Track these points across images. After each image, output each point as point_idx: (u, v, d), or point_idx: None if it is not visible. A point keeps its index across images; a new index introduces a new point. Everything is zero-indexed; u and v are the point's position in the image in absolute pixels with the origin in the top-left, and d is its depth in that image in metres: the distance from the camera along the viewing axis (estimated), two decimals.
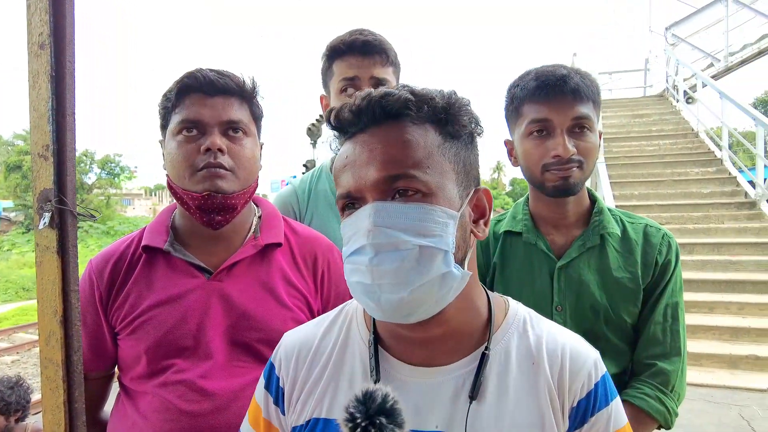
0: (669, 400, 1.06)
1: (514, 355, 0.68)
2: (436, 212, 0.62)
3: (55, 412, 0.69)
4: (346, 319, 0.75)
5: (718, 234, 6.42)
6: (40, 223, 0.68)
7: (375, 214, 0.61)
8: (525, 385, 0.66)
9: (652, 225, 1.17)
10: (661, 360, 1.09)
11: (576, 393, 0.67)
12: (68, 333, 0.68)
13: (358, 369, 0.69)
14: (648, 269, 1.12)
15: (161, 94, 1.03)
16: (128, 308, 0.98)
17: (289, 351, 0.74)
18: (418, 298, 0.60)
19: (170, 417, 0.91)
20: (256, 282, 1.02)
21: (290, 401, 0.71)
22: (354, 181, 0.63)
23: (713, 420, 3.79)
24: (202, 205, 0.97)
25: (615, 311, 1.10)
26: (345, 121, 0.66)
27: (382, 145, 0.63)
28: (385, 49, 1.37)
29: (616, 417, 0.69)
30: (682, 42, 10.64)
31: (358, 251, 0.61)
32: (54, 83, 0.67)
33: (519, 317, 0.73)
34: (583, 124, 1.07)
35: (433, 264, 0.61)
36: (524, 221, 1.19)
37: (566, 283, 1.12)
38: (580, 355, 0.69)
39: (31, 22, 0.69)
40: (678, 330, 1.11)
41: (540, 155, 1.08)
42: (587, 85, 1.06)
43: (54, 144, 0.68)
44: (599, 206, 1.17)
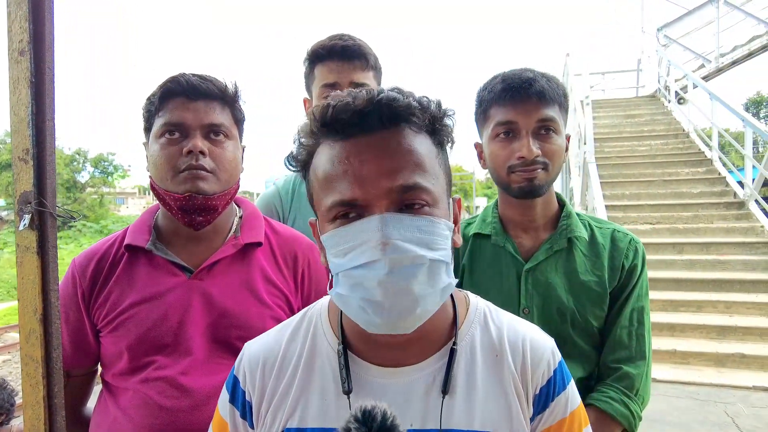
0: (633, 404, 1.08)
1: (479, 348, 0.71)
2: (441, 225, 0.62)
3: (35, 408, 0.71)
4: (310, 325, 0.74)
5: (707, 234, 6.49)
6: (20, 224, 0.70)
7: (389, 227, 0.58)
8: (491, 377, 0.69)
9: (619, 230, 1.20)
10: (626, 364, 1.10)
11: (538, 381, 0.70)
12: (48, 330, 0.71)
13: (329, 376, 0.69)
14: (615, 273, 1.14)
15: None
16: (110, 306, 1.00)
17: (254, 362, 0.72)
18: (424, 312, 0.62)
19: (150, 413, 0.94)
20: (236, 281, 1.04)
21: (259, 414, 0.70)
22: (360, 189, 0.59)
23: (699, 417, 3.85)
24: (183, 205, 0.99)
25: (581, 314, 1.11)
26: (345, 122, 0.61)
27: (392, 151, 0.60)
28: (364, 53, 1.39)
29: (572, 398, 0.73)
30: (674, 43, 10.72)
31: (368, 266, 0.58)
32: (34, 89, 0.69)
33: (480, 311, 0.75)
34: (548, 126, 1.09)
35: (440, 277, 0.62)
36: (493, 224, 1.20)
37: (533, 286, 1.13)
38: (539, 346, 0.73)
39: (11, 29, 0.71)
40: (643, 334, 1.13)
41: (506, 157, 1.10)
42: (552, 88, 1.08)
43: (34, 148, 0.70)
44: (567, 210, 1.19)
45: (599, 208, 5.88)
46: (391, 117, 0.61)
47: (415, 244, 0.59)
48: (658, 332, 5.23)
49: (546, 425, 0.71)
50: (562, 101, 1.12)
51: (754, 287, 5.50)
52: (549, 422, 0.71)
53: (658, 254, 6.30)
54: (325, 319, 0.74)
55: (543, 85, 1.07)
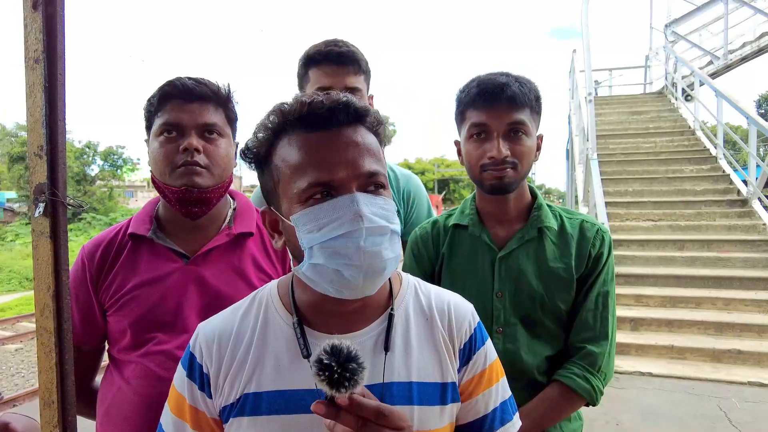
0: (595, 380, 1.16)
1: (412, 313, 0.83)
2: (392, 204, 0.75)
3: (48, 373, 0.81)
4: (261, 305, 0.83)
5: (709, 231, 6.50)
6: (36, 212, 0.80)
7: (361, 203, 0.69)
8: (423, 336, 0.81)
9: (587, 220, 1.27)
10: (590, 343, 1.18)
11: (462, 337, 0.83)
12: (59, 305, 0.80)
13: (283, 346, 0.77)
14: (582, 260, 1.22)
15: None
16: (116, 288, 1.10)
17: (209, 338, 0.80)
18: (388, 272, 0.73)
19: (149, 383, 1.04)
20: (228, 267, 1.14)
21: (217, 384, 0.77)
22: (334, 173, 0.70)
23: (692, 411, 3.91)
24: (180, 198, 1.09)
25: (550, 298, 1.20)
26: (319, 117, 0.72)
27: (358, 144, 0.72)
28: (357, 59, 1.47)
29: (490, 353, 0.86)
30: (682, 39, 10.66)
31: (346, 235, 0.68)
32: (47, 93, 0.78)
33: (410, 284, 0.87)
34: (518, 128, 1.16)
35: (396, 245, 0.74)
36: (470, 215, 1.29)
37: (506, 272, 1.22)
38: (461, 308, 0.86)
39: (27, 40, 0.80)
40: (607, 316, 1.20)
41: (478, 156, 1.19)
42: (524, 92, 1.16)
43: (47, 145, 0.79)
44: (539, 202, 1.27)
45: (599, 204, 5.92)
46: (353, 115, 0.74)
47: (379, 217, 0.71)
48: (657, 328, 5.28)
49: (470, 375, 0.82)
50: (534, 104, 1.19)
51: (753, 284, 5.53)
52: (472, 373, 0.83)
53: (658, 251, 6.33)
54: (276, 299, 0.83)
55: (515, 90, 1.14)
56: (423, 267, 1.32)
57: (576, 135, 9.10)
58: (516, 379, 1.12)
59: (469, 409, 0.82)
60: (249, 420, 0.74)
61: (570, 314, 1.22)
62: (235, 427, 0.75)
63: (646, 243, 6.49)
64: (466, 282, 1.24)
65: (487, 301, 1.22)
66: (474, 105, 1.18)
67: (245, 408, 0.75)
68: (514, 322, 1.21)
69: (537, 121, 1.22)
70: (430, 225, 1.36)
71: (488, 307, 1.21)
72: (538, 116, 1.22)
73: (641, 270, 6.05)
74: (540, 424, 1.14)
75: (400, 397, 0.75)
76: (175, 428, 0.79)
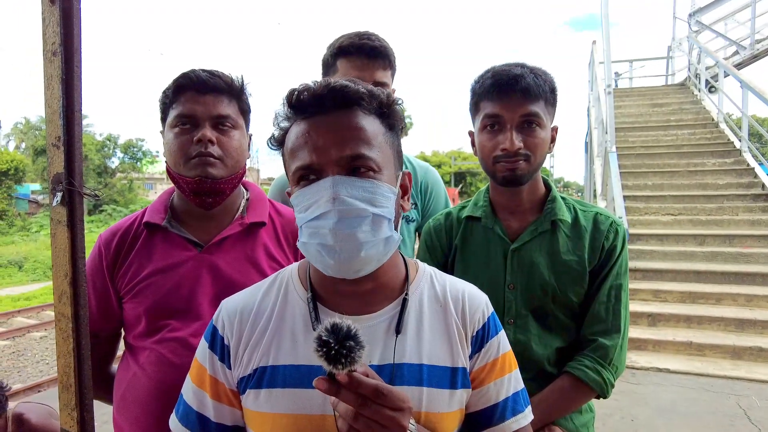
0: (606, 372, 1.15)
1: (426, 300, 0.84)
2: (384, 188, 0.75)
3: (66, 358, 0.83)
4: (282, 283, 0.86)
5: (731, 226, 6.37)
6: (54, 201, 0.82)
7: (339, 186, 0.71)
8: (435, 321, 0.82)
9: (602, 213, 1.26)
10: (602, 336, 1.17)
11: (475, 325, 0.84)
12: (76, 292, 0.83)
13: (299, 323, 0.80)
14: (595, 253, 1.21)
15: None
16: (131, 275, 1.13)
17: (231, 313, 0.83)
18: (368, 256, 0.73)
19: (163, 369, 1.07)
20: (241, 255, 1.16)
21: (236, 356, 0.80)
22: (317, 156, 0.72)
23: (710, 408, 3.85)
24: (194, 188, 1.11)
25: (562, 291, 1.19)
26: (305, 103, 0.75)
27: (343, 127, 0.74)
28: (387, 54, 1.48)
29: (503, 344, 0.87)
30: (707, 29, 10.38)
31: (321, 216, 0.71)
32: (64, 85, 0.80)
33: (427, 273, 0.89)
34: (532, 120, 1.15)
35: (381, 229, 0.74)
36: (484, 207, 1.29)
37: (518, 264, 1.22)
38: (476, 298, 0.87)
39: (45, 33, 0.82)
40: (620, 309, 1.19)
41: (491, 148, 1.18)
42: (539, 84, 1.14)
43: (64, 135, 0.81)
44: (553, 195, 1.26)
45: (617, 198, 5.82)
46: (343, 100, 0.75)
47: (359, 200, 0.72)
48: (675, 324, 5.20)
49: (482, 363, 0.83)
50: (549, 96, 1.18)
51: None
52: (484, 360, 0.83)
53: (678, 246, 6.22)
54: (295, 277, 0.86)
55: (529, 82, 1.13)
56: (436, 258, 1.32)
57: (595, 128, 8.96)
58: (526, 370, 1.12)
59: (480, 397, 0.83)
60: (265, 392, 0.77)
61: (582, 306, 1.22)
62: (251, 398, 0.78)
63: (665, 237, 6.37)
64: (478, 273, 1.24)
65: (499, 293, 1.22)
66: (488, 96, 1.18)
67: (262, 380, 0.77)
68: (525, 314, 1.20)
69: (552, 113, 1.21)
70: (444, 216, 1.36)
71: (500, 298, 1.21)
72: (553, 108, 1.21)
73: (660, 265, 5.95)
74: (549, 415, 1.14)
75: (410, 378, 0.76)
76: (195, 397, 0.83)
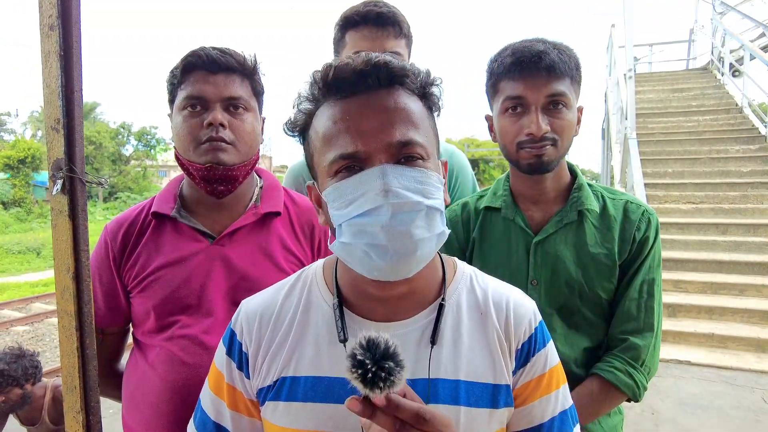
0: (638, 375, 1.08)
1: (465, 306, 0.75)
2: (434, 177, 0.67)
3: (70, 357, 0.78)
4: (305, 284, 0.79)
5: (755, 215, 6.18)
6: (54, 189, 0.76)
7: (390, 176, 0.63)
8: (476, 332, 0.74)
9: (632, 201, 1.17)
10: (633, 335, 1.10)
11: (520, 337, 0.75)
12: (80, 287, 0.77)
13: (323, 330, 0.73)
14: (625, 245, 1.12)
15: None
16: (138, 268, 1.07)
17: (251, 317, 0.77)
18: (423, 255, 0.66)
19: (173, 368, 1.01)
20: (255, 247, 1.09)
21: (255, 365, 0.74)
22: (362, 143, 0.64)
23: (733, 402, 3.75)
24: (205, 175, 1.04)
25: (590, 287, 1.11)
26: (345, 81, 0.66)
27: (390, 109, 0.65)
28: (398, 21, 1.37)
29: (551, 357, 0.78)
30: (731, 10, 10.01)
31: (371, 212, 0.62)
32: (63, 62, 0.74)
33: (466, 274, 0.80)
34: (558, 101, 1.06)
35: (435, 223, 0.67)
36: (504, 197, 1.21)
37: (542, 258, 1.14)
38: (522, 306, 0.78)
39: (41, 5, 0.75)
40: (653, 306, 1.11)
41: (515, 133, 1.09)
42: (564, 61, 1.05)
43: (64, 117, 0.75)
44: (579, 182, 1.17)
45: (638, 186, 5.67)
46: (387, 78, 0.66)
47: (412, 192, 0.64)
48: (696, 315, 5.08)
49: (527, 379, 0.75)
50: (574, 74, 1.09)
51: None
52: (529, 376, 0.75)
53: (699, 235, 6.06)
54: (320, 278, 0.78)
55: (553, 59, 1.04)
56: (452, 253, 1.24)
57: (613, 114, 8.74)
58: None
59: (524, 416, 0.75)
60: (284, 405, 0.71)
61: (611, 303, 1.14)
62: (270, 410, 0.72)
63: (686, 226, 6.22)
64: (498, 269, 1.16)
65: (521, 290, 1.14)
66: (509, 75, 1.08)
67: (281, 392, 0.71)
68: (549, 312, 1.13)
69: (577, 92, 1.12)
70: (460, 207, 1.28)
71: None
72: (579, 86, 1.12)
73: (680, 254, 5.81)
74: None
75: (445, 395, 0.69)
76: (212, 406, 0.77)
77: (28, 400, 2.62)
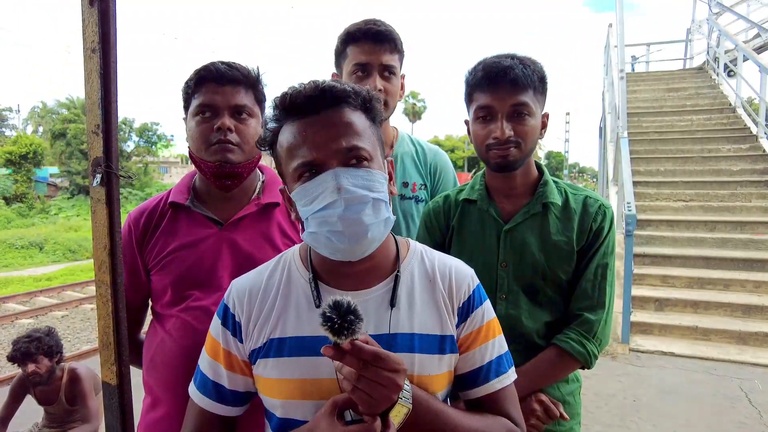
0: (590, 345, 1.24)
1: (417, 276, 0.92)
2: (377, 175, 0.83)
3: (105, 319, 0.95)
4: (285, 264, 0.94)
5: (743, 212, 6.34)
6: (94, 182, 0.93)
7: (341, 177, 0.78)
8: (425, 295, 0.91)
9: (591, 196, 1.34)
10: (587, 311, 1.26)
11: (461, 297, 0.92)
12: (114, 262, 0.94)
13: (302, 299, 0.89)
14: (583, 234, 1.29)
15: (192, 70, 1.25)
16: (158, 250, 1.24)
17: (241, 292, 0.92)
18: (373, 236, 0.82)
19: (188, 334, 1.18)
20: (258, 233, 1.27)
21: (247, 330, 0.89)
22: (317, 152, 0.79)
23: (711, 390, 3.92)
24: (215, 172, 1.22)
25: (552, 269, 1.28)
26: (299, 105, 0.81)
27: (337, 123, 0.81)
28: (394, 38, 1.56)
29: (488, 312, 0.95)
30: (728, 11, 10.13)
31: (329, 206, 0.78)
32: (102, 79, 0.91)
33: (417, 250, 0.97)
34: (521, 110, 1.23)
35: (381, 211, 0.83)
36: (480, 191, 1.38)
37: (511, 244, 1.30)
38: (461, 272, 0.95)
39: (85, 32, 0.92)
40: (605, 287, 1.27)
41: (484, 137, 1.26)
42: (527, 75, 1.21)
43: (103, 124, 0.92)
44: (545, 179, 1.34)
45: (626, 183, 5.83)
46: (332, 99, 0.82)
47: (360, 187, 0.80)
48: (682, 308, 5.25)
49: (468, 331, 0.92)
50: (537, 85, 1.25)
51: None
52: (470, 329, 0.92)
53: (688, 231, 6.22)
54: (297, 259, 0.95)
55: (517, 73, 1.20)
56: (434, 238, 1.42)
57: (609, 113, 8.88)
58: (517, 342, 1.21)
59: (467, 361, 0.92)
60: (273, 361, 0.87)
61: (570, 284, 1.30)
62: (261, 366, 0.88)
63: (675, 223, 6.38)
64: (473, 253, 1.33)
65: (493, 271, 1.31)
66: (480, 88, 1.25)
67: (270, 351, 0.87)
68: (516, 290, 1.29)
69: (542, 101, 1.28)
70: (442, 199, 1.45)
71: (493, 276, 1.30)
72: (543, 96, 1.28)
73: (669, 250, 5.98)
74: (537, 383, 1.24)
75: (403, 345, 0.86)
76: (210, 368, 0.93)
77: (52, 375, 2.82)
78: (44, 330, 2.86)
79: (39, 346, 2.75)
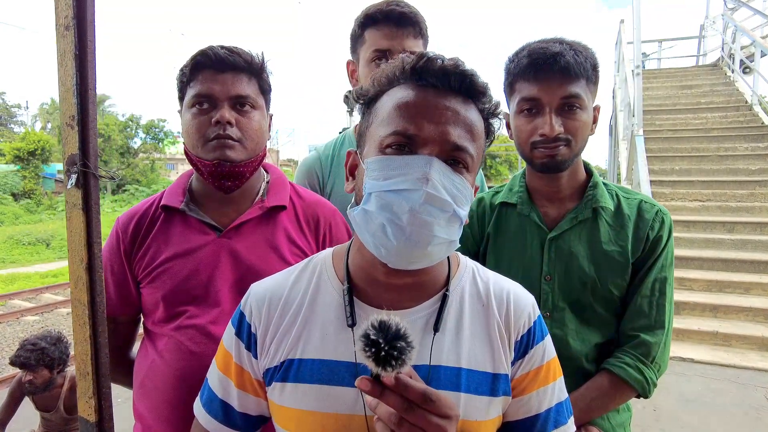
0: (648, 371, 1.09)
1: (467, 297, 0.78)
2: (469, 190, 0.71)
3: (83, 345, 0.81)
4: (314, 271, 0.81)
5: (762, 213, 6.15)
6: (68, 183, 0.79)
7: (435, 168, 0.66)
8: (477, 322, 0.77)
9: (647, 201, 1.18)
10: (644, 332, 1.11)
11: (519, 329, 0.77)
12: (92, 278, 0.80)
13: (331, 315, 0.75)
14: (639, 244, 1.13)
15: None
16: (148, 260, 1.10)
17: (260, 299, 0.79)
18: (432, 252, 0.68)
19: (181, 357, 1.04)
20: (261, 240, 1.12)
21: (263, 345, 0.77)
22: (424, 129, 0.67)
23: (736, 400, 3.76)
24: (213, 171, 1.07)
25: (602, 283, 1.12)
26: (432, 73, 0.70)
27: (460, 114, 0.69)
28: (418, 21, 1.39)
29: (549, 350, 0.81)
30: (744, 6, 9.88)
31: (406, 192, 0.65)
32: (77, 61, 0.76)
33: (469, 268, 0.83)
34: (572, 103, 1.07)
35: (453, 229, 0.70)
36: (520, 193, 1.22)
37: (556, 254, 1.15)
38: (522, 299, 0.80)
39: (57, 6, 0.78)
40: (664, 304, 1.12)
41: (529, 133, 1.11)
42: (580, 62, 1.06)
43: (78, 114, 0.78)
44: (594, 180, 1.19)
45: (644, 183, 5.65)
46: (467, 88, 0.71)
47: (448, 192, 0.67)
48: (700, 313, 5.08)
49: (525, 370, 0.77)
50: (590, 74, 1.09)
51: None
52: (527, 368, 0.77)
53: (705, 233, 6.04)
54: (329, 266, 0.81)
55: (569, 60, 1.05)
56: (467, 246, 1.26)
57: (621, 110, 8.69)
58: (563, 366, 1.06)
59: (521, 406, 0.77)
60: (291, 386, 0.73)
61: (623, 300, 1.15)
62: (277, 391, 0.74)
63: (692, 224, 6.19)
64: (512, 263, 1.18)
65: (535, 285, 1.16)
66: (524, 77, 1.10)
67: (288, 373, 0.74)
68: (562, 307, 1.14)
69: (594, 92, 1.12)
70: (476, 202, 1.29)
71: (535, 290, 1.15)
72: (595, 87, 1.13)
73: (686, 252, 5.79)
74: (587, 414, 1.09)
75: (446, 382, 0.72)
76: (220, 384, 0.80)
77: (50, 386, 2.73)
78: (53, 337, 2.76)
79: (41, 358, 2.66)
